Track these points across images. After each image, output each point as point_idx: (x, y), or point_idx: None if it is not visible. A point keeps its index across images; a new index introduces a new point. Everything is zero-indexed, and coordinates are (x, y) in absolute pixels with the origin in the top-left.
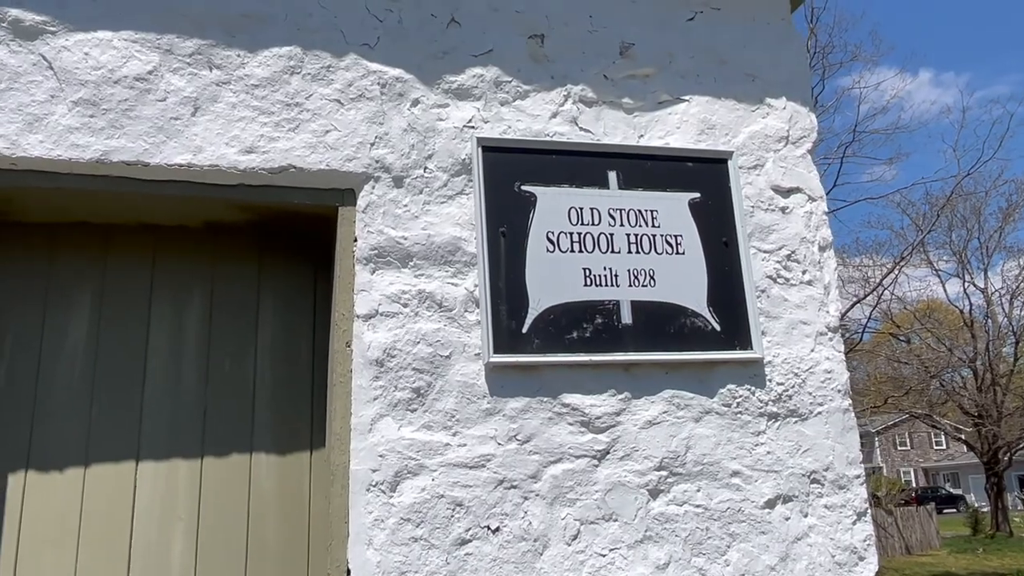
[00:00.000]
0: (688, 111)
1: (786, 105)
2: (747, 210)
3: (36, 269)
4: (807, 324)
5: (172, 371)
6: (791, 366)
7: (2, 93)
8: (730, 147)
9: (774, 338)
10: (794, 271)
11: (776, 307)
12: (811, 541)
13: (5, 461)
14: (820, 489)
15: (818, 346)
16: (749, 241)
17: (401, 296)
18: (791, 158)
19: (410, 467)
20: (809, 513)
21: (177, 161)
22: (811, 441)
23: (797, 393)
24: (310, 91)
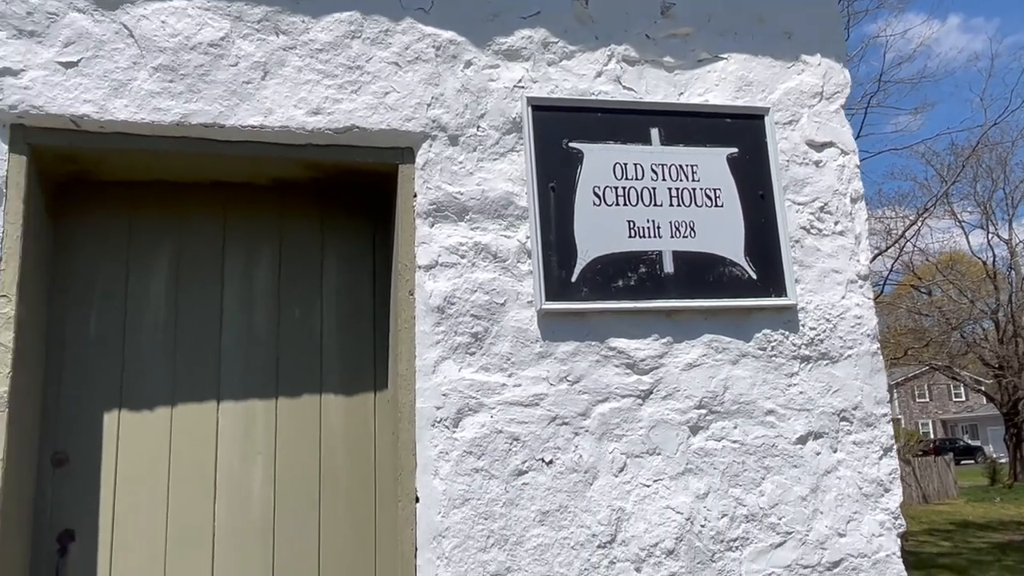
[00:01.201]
0: (726, 69)
1: (820, 61)
2: (782, 164)
3: (118, 225)
4: (839, 272)
5: (246, 319)
6: (823, 312)
7: (89, 61)
8: (766, 103)
9: (807, 285)
10: (827, 222)
11: (809, 256)
12: (840, 474)
13: (100, 403)
14: (849, 427)
15: (849, 293)
16: (784, 194)
17: (459, 248)
18: (825, 113)
19: (470, 405)
20: (838, 449)
21: (250, 123)
22: (841, 382)
23: (828, 337)
24: (370, 54)
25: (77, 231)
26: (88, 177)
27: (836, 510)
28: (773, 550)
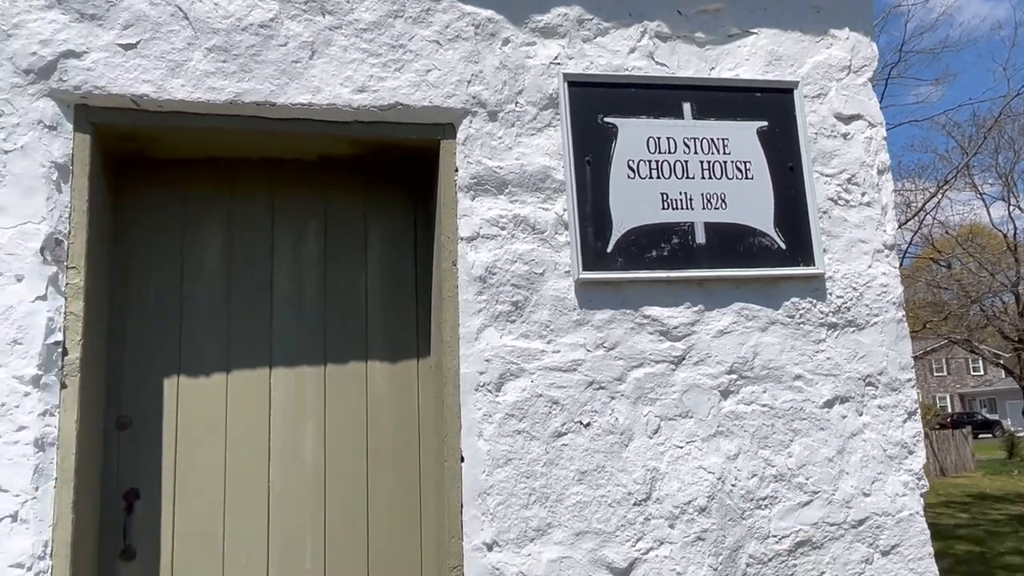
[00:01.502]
0: (756, 43)
1: (849, 35)
2: (811, 137)
3: (173, 201)
4: (865, 242)
5: (295, 290)
6: (850, 281)
7: (146, 42)
8: (796, 77)
9: (835, 255)
10: (854, 193)
11: (837, 227)
12: (865, 437)
13: (160, 369)
14: (874, 391)
15: (875, 262)
16: (813, 166)
17: (499, 220)
18: (853, 86)
19: (512, 370)
20: (864, 412)
21: (299, 101)
22: (867, 348)
23: (855, 305)
24: (412, 33)
25: (135, 207)
26: (144, 155)
27: (861, 471)
28: (800, 508)
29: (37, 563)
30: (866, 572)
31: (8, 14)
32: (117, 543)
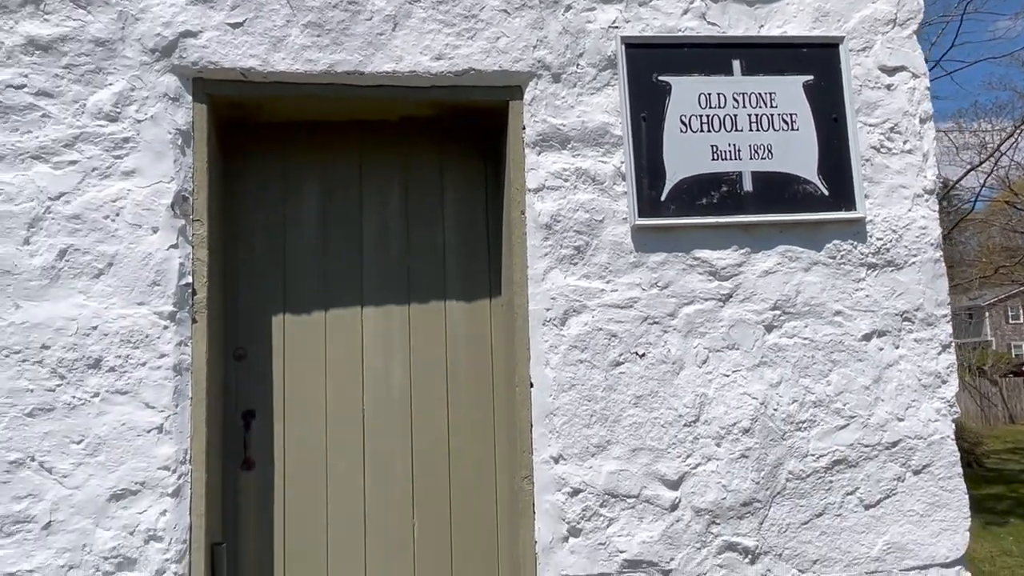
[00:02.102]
0: (804, 1)
1: None
2: (855, 88)
3: (275, 159)
4: (906, 188)
5: (381, 238)
6: (889, 224)
7: (251, 21)
8: (841, 32)
9: (875, 200)
10: (896, 141)
11: (878, 173)
12: (900, 367)
13: (268, 309)
14: (911, 326)
15: (915, 206)
16: (856, 116)
17: (562, 173)
18: (898, 39)
19: (575, 307)
20: (900, 345)
21: (384, 69)
22: (904, 286)
23: (894, 246)
24: (483, 3)
25: (243, 166)
26: (250, 120)
27: (896, 398)
28: (837, 431)
29: (179, 467)
30: (898, 488)
31: (134, 1)
32: (239, 455)
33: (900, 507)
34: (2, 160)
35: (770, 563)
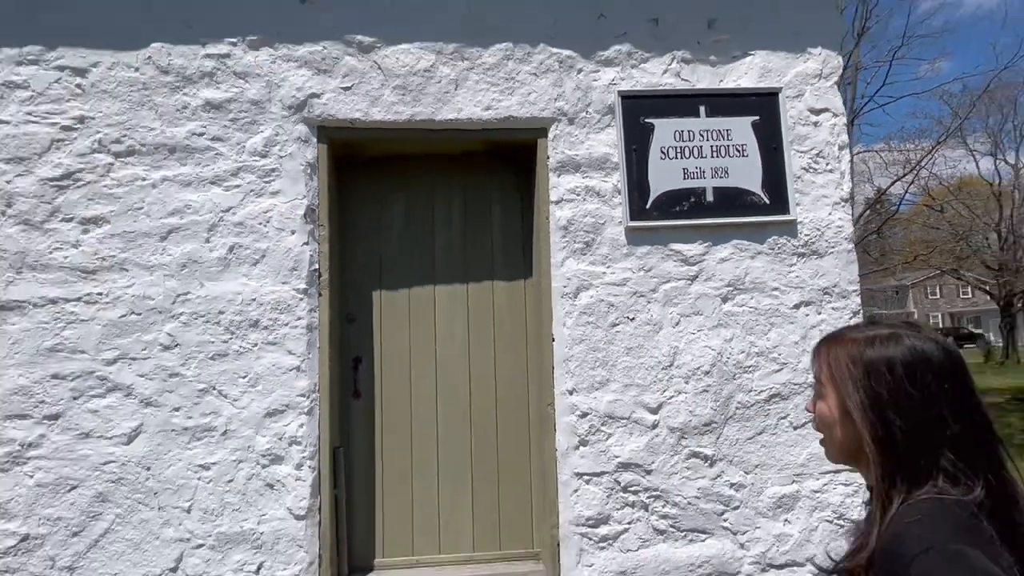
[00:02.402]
0: (753, 62)
1: (821, 52)
2: (790, 125)
3: (374, 180)
4: (827, 197)
5: (447, 236)
6: (814, 224)
7: (357, 86)
8: (780, 84)
9: (804, 207)
10: (820, 164)
11: (807, 187)
12: (821, 328)
13: (369, 286)
14: (830, 298)
15: (834, 211)
16: (791, 146)
17: (575, 189)
18: (822, 88)
19: (584, 285)
20: (821, 312)
21: (449, 117)
22: (825, 270)
23: (818, 240)
24: (519, 69)
25: (351, 187)
26: (356, 154)
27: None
28: (774, 373)
29: (312, 395)
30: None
31: (277, 74)
32: (350, 388)
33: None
34: (190, 185)
35: (723, 467)
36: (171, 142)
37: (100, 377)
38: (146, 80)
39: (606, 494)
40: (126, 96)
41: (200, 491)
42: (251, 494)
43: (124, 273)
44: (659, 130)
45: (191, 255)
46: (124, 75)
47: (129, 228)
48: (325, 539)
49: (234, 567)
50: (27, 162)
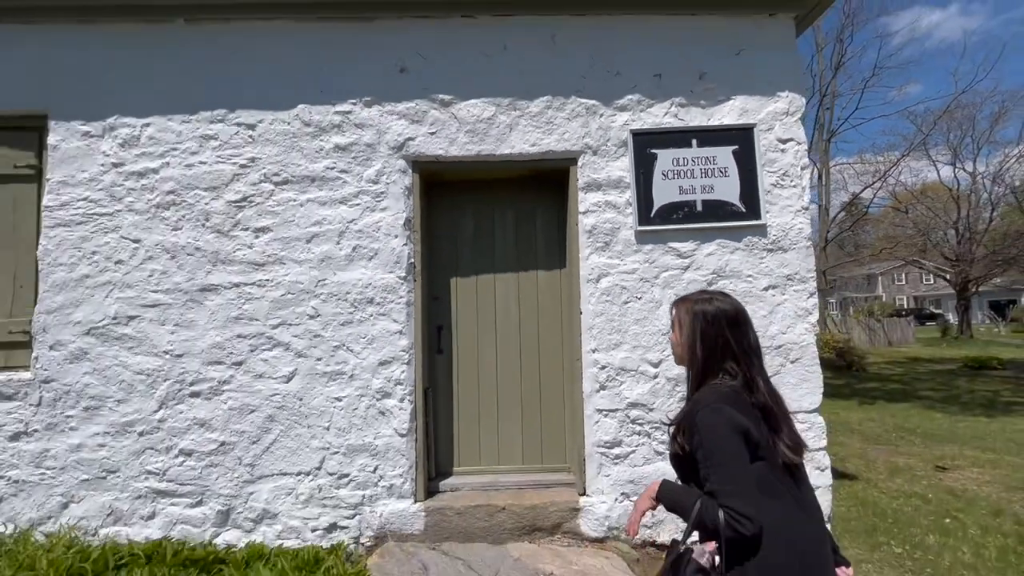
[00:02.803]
0: (734, 104)
1: (788, 95)
2: (762, 152)
3: (450, 201)
4: (791, 206)
5: (503, 242)
6: (780, 227)
7: (439, 131)
8: (755, 120)
9: (772, 214)
10: (786, 181)
11: (775, 199)
12: (785, 306)
13: (447, 275)
14: (791, 283)
15: (796, 217)
16: (763, 168)
17: (598, 203)
18: (789, 123)
19: (603, 273)
20: (785, 293)
21: (505, 152)
22: (789, 261)
23: (783, 239)
24: (555, 116)
25: (436, 204)
26: (438, 180)
27: (782, 322)
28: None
29: (410, 351)
30: (781, 370)
31: (384, 124)
32: (435, 346)
33: (783, 380)
34: (325, 204)
35: None
36: (312, 174)
37: (268, 337)
38: (295, 131)
39: (619, 425)
40: (282, 142)
41: (335, 416)
42: (369, 419)
43: (282, 266)
44: (661, 158)
45: (327, 253)
46: (280, 128)
47: (285, 234)
48: (419, 451)
49: (359, 468)
50: (218, 190)
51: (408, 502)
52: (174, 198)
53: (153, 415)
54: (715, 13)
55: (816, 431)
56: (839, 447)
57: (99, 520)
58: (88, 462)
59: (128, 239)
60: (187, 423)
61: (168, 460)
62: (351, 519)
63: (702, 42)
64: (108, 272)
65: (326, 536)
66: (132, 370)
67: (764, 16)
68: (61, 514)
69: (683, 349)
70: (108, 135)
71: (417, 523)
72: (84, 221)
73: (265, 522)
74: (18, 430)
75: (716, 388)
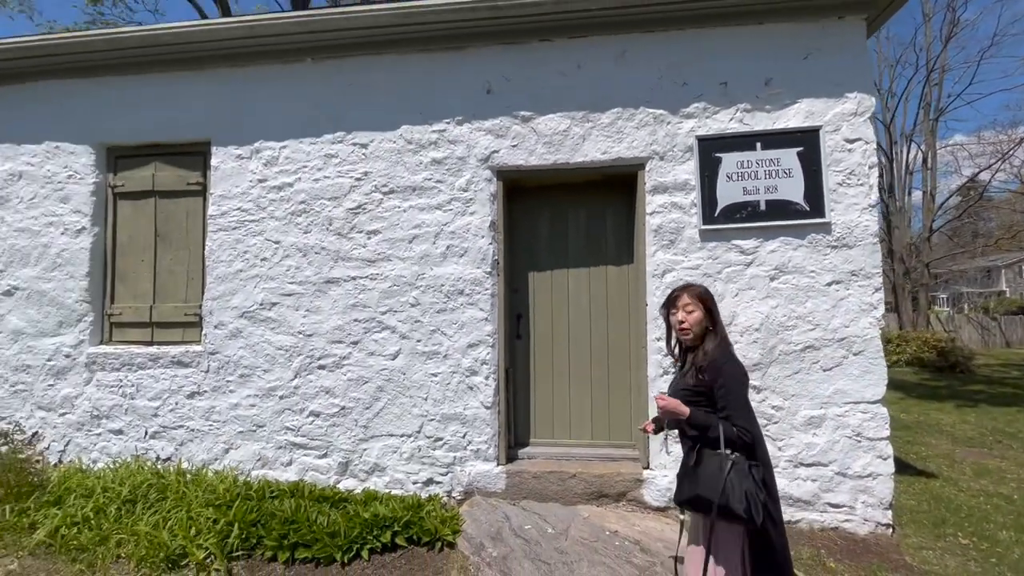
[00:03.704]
0: (799, 107)
1: (857, 95)
2: (828, 152)
3: (528, 203)
4: (857, 204)
5: (577, 239)
6: (845, 224)
7: (520, 144)
8: (821, 123)
9: (837, 212)
10: (852, 180)
11: (840, 198)
12: (849, 300)
13: (526, 269)
14: (856, 279)
15: (862, 214)
16: (828, 168)
17: (664, 204)
18: (857, 123)
19: (668, 269)
20: (849, 288)
21: (578, 161)
22: (854, 257)
23: (848, 236)
24: (625, 125)
25: (516, 207)
26: (518, 186)
27: (845, 315)
28: (809, 331)
29: (494, 335)
30: (844, 362)
31: (473, 139)
32: (515, 332)
33: (845, 371)
34: (424, 210)
35: (767, 394)
36: (413, 184)
37: (378, 321)
38: (399, 148)
39: None
40: (388, 158)
41: (432, 388)
42: (460, 392)
43: (389, 262)
44: (725, 161)
45: (425, 252)
46: (387, 146)
47: (391, 236)
48: (501, 422)
49: (451, 433)
50: (338, 199)
51: (492, 464)
52: (304, 207)
53: (290, 383)
54: (782, 21)
55: (878, 421)
56: (923, 447)
57: (251, 464)
58: (243, 418)
59: (271, 240)
60: (315, 390)
61: (301, 419)
62: (444, 476)
63: (768, 49)
64: (256, 267)
65: (424, 488)
66: (274, 346)
67: (832, 20)
68: (224, 457)
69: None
70: (255, 156)
71: (499, 483)
72: (238, 227)
73: (376, 474)
74: (193, 391)
75: (728, 344)
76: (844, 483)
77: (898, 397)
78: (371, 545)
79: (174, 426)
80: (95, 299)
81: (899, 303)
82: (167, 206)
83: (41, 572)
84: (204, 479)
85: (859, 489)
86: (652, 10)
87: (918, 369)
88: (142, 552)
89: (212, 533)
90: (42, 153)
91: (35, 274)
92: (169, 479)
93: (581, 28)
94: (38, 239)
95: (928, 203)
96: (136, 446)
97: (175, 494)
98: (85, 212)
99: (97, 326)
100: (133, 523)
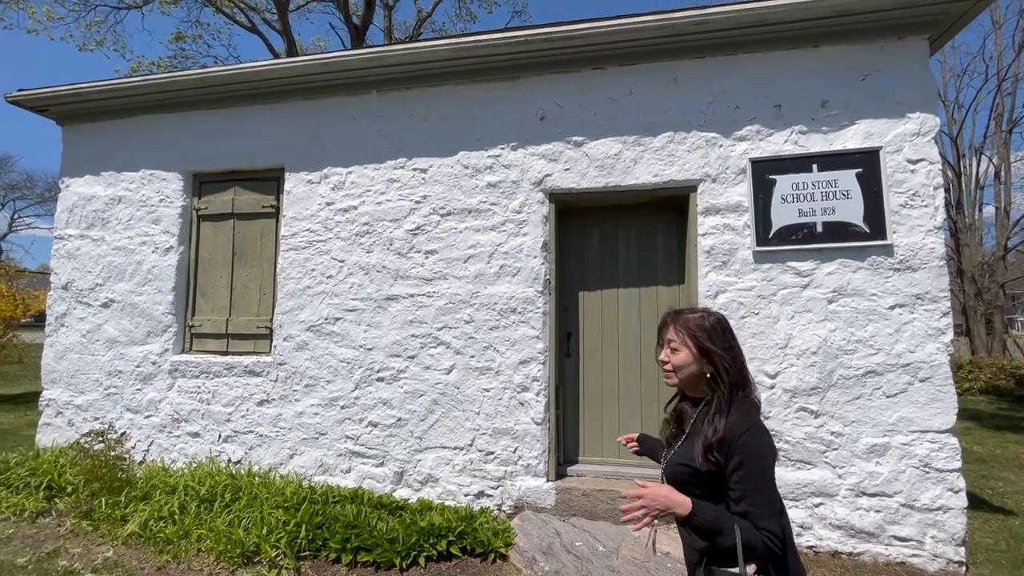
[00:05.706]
0: (858, 128)
1: (919, 115)
2: (889, 173)
3: (579, 224)
4: (921, 226)
5: (627, 259)
6: (909, 246)
7: (571, 168)
8: (881, 143)
9: (900, 234)
10: (916, 201)
11: (903, 219)
12: (914, 325)
13: (576, 288)
14: (921, 303)
15: (927, 236)
16: (889, 189)
17: (716, 226)
18: (920, 143)
19: (721, 290)
20: (914, 312)
21: (630, 183)
22: (918, 280)
23: (913, 258)
24: (676, 149)
25: (568, 227)
26: (570, 208)
27: (909, 340)
28: (871, 356)
29: (545, 353)
30: (909, 388)
31: (526, 164)
32: (565, 350)
33: (910, 398)
34: (479, 231)
35: (825, 419)
36: (469, 207)
37: (434, 337)
38: (456, 173)
39: None
40: (446, 182)
41: (484, 403)
42: (511, 407)
43: (445, 280)
44: (780, 183)
45: (479, 271)
46: (445, 171)
47: (448, 256)
48: (551, 438)
49: (502, 448)
50: (398, 221)
51: (541, 480)
52: (367, 228)
53: (351, 393)
54: (838, 44)
55: (948, 452)
56: (1000, 482)
57: (312, 470)
58: (307, 425)
59: (336, 259)
60: (374, 401)
61: (360, 429)
62: (495, 489)
63: (824, 71)
64: (322, 284)
65: (475, 501)
66: (337, 358)
67: (892, 41)
68: (289, 462)
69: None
70: (323, 182)
71: (549, 499)
72: (307, 246)
73: (429, 484)
74: (263, 399)
75: (749, 404)
76: (911, 515)
77: (971, 428)
78: (427, 552)
79: (245, 431)
80: (179, 311)
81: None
82: (244, 227)
83: (133, 560)
84: (272, 482)
85: (928, 523)
86: (702, 38)
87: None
88: (220, 547)
89: (282, 533)
90: (138, 180)
91: (129, 288)
92: (242, 481)
93: (631, 56)
94: (132, 257)
95: (1002, 219)
96: (210, 448)
97: (248, 495)
98: (173, 232)
99: (180, 336)
100: (211, 520)
